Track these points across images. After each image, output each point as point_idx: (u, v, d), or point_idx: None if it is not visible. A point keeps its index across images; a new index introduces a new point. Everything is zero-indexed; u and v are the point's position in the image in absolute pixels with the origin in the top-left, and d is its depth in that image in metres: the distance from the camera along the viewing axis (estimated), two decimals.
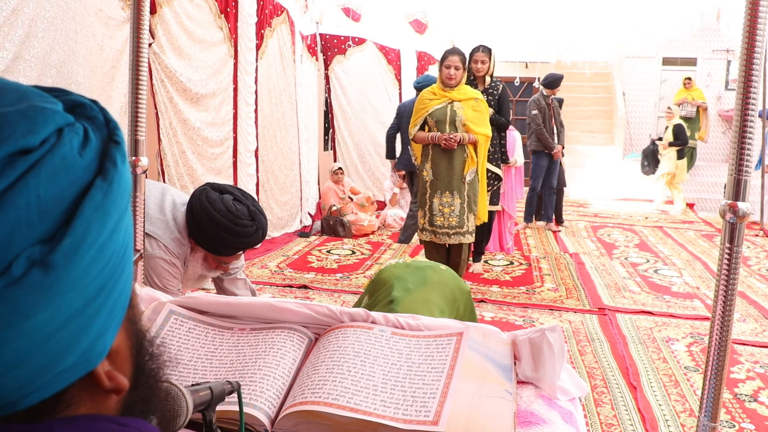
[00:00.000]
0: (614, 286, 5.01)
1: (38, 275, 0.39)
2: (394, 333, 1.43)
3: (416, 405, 1.19)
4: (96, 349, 0.45)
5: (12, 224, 0.39)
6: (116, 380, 0.48)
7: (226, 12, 5.11)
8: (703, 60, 12.06)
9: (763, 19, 1.34)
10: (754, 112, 1.41)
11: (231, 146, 5.42)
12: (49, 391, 0.43)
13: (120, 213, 0.46)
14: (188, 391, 0.89)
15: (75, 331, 0.43)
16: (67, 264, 0.41)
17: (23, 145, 0.40)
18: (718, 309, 1.40)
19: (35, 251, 0.40)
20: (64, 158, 0.42)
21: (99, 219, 0.43)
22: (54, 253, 0.40)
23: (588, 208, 9.74)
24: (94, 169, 0.44)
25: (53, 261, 0.40)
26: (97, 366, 0.46)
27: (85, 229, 0.42)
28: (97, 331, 0.45)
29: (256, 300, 1.53)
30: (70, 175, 0.42)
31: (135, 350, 0.52)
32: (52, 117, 0.43)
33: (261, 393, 1.24)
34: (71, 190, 0.42)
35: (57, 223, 0.41)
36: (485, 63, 4.83)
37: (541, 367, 1.37)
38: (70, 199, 0.42)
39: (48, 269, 0.40)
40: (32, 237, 0.40)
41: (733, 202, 1.40)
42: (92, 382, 0.46)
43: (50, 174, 0.41)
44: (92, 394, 0.47)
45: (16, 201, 0.39)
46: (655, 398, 3.02)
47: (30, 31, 3.01)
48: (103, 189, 0.43)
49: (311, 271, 5.26)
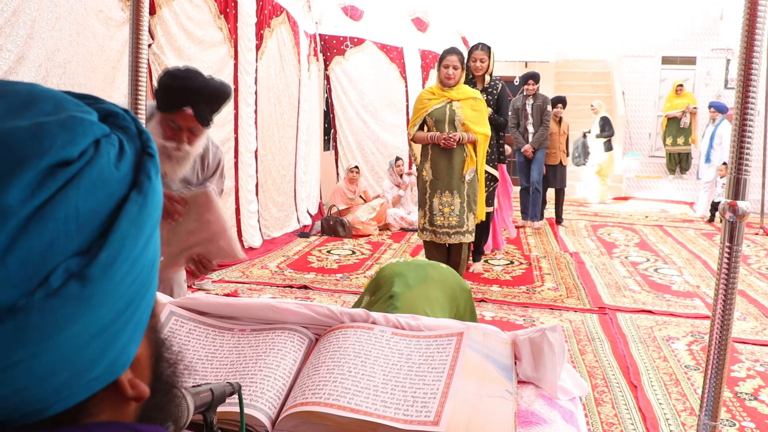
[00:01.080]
0: (614, 285, 5.01)
1: (75, 288, 0.40)
2: (395, 333, 1.43)
3: (417, 405, 1.19)
4: (121, 360, 0.46)
5: (51, 236, 0.39)
6: (138, 388, 0.48)
7: (226, 12, 5.10)
8: (703, 59, 12.06)
9: (762, 18, 1.34)
10: (754, 111, 1.41)
11: (232, 147, 5.42)
12: (75, 400, 0.44)
13: (152, 227, 0.46)
14: (189, 393, 0.89)
15: (104, 343, 0.43)
16: (103, 277, 0.41)
17: (63, 157, 0.40)
18: (718, 307, 1.40)
19: (73, 263, 0.40)
20: (101, 171, 0.42)
21: (134, 233, 0.43)
22: (91, 266, 0.40)
23: (588, 207, 9.74)
24: (129, 182, 0.44)
25: (90, 274, 0.40)
26: (121, 375, 0.46)
27: (121, 243, 0.42)
28: (124, 343, 0.45)
29: (257, 301, 1.53)
30: (107, 188, 0.42)
31: (155, 358, 0.53)
32: (90, 128, 0.43)
33: (262, 394, 1.24)
34: (108, 203, 0.42)
35: (94, 236, 0.41)
36: (484, 61, 4.82)
37: (541, 367, 1.37)
38: (106, 212, 0.42)
39: (85, 282, 0.40)
40: (70, 249, 0.40)
41: (732, 201, 1.40)
42: (115, 391, 0.47)
43: (89, 187, 0.41)
44: (113, 401, 0.47)
45: (56, 213, 0.39)
46: (655, 397, 3.02)
47: (32, 32, 3.01)
48: (138, 203, 0.44)
49: (311, 272, 5.26)
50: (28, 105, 0.42)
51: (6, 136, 0.39)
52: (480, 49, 4.83)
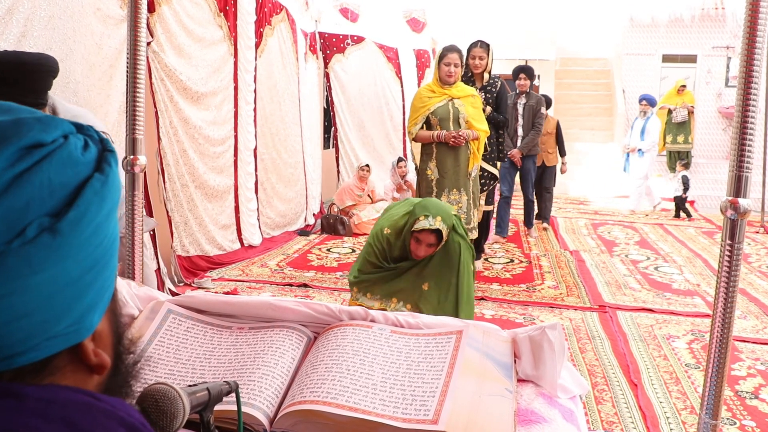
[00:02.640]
0: (615, 283, 5.00)
1: (47, 238, 0.48)
2: (394, 331, 1.43)
3: (416, 404, 1.18)
4: (85, 322, 0.53)
5: (28, 198, 0.48)
6: (100, 357, 0.55)
7: (226, 10, 5.09)
8: (703, 57, 12.04)
9: (764, 16, 1.33)
10: (755, 109, 1.40)
11: (232, 145, 5.41)
12: (42, 354, 0.50)
13: (112, 205, 0.55)
14: (185, 393, 0.88)
15: (71, 296, 0.51)
16: (70, 233, 0.50)
17: (39, 139, 0.50)
18: (719, 306, 1.39)
19: (45, 221, 0.49)
20: (70, 154, 0.52)
21: (97, 202, 0.53)
22: (60, 221, 0.49)
23: (588, 205, 9.73)
24: (93, 166, 0.54)
25: (60, 228, 0.49)
26: (84, 340, 0.54)
27: (86, 207, 0.51)
28: (88, 304, 0.53)
29: (255, 299, 1.53)
30: (75, 167, 0.52)
31: (115, 339, 0.60)
32: (60, 124, 0.54)
33: (260, 392, 1.23)
34: (75, 178, 0.52)
35: (63, 202, 0.50)
36: (483, 59, 4.80)
37: (541, 365, 1.36)
38: (74, 185, 0.51)
39: (55, 234, 0.49)
40: (44, 210, 0.49)
41: (734, 199, 1.39)
42: (77, 357, 0.54)
43: (59, 164, 0.51)
44: (76, 369, 0.54)
45: (32, 180, 0.49)
46: (656, 395, 3.01)
47: (26, 30, 3.00)
48: (101, 180, 0.53)
49: (311, 270, 5.25)
50: (9, 110, 0.53)
51: None
52: (479, 46, 4.81)
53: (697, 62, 12.08)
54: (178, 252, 4.65)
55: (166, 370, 1.32)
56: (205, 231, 5.00)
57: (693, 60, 12.11)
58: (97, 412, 0.52)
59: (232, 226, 5.49)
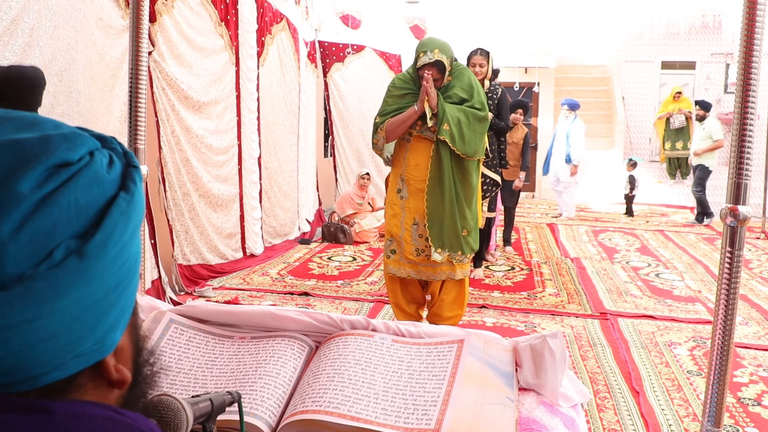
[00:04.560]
0: (616, 290, 5.00)
1: (74, 261, 0.48)
2: (395, 341, 1.43)
3: (417, 413, 1.18)
4: (107, 340, 0.53)
5: (55, 219, 0.48)
6: (122, 373, 0.55)
7: (227, 20, 5.12)
8: (702, 63, 12.07)
9: (761, 22, 1.34)
10: (753, 116, 1.41)
11: (236, 153, 5.42)
12: (65, 373, 0.50)
13: (137, 223, 0.55)
14: (188, 404, 0.88)
15: (96, 317, 0.51)
16: (97, 255, 0.50)
17: (65, 159, 0.50)
18: (720, 313, 1.40)
19: (72, 243, 0.48)
20: (96, 173, 0.52)
21: (123, 222, 0.52)
22: (87, 244, 0.49)
23: (589, 212, 9.73)
24: (118, 184, 0.54)
25: (87, 251, 0.49)
26: (106, 357, 0.54)
27: (113, 228, 0.51)
28: (111, 323, 0.53)
29: (257, 308, 1.53)
30: (101, 186, 0.52)
31: (136, 353, 0.60)
32: (86, 141, 0.53)
33: (262, 402, 1.24)
34: (101, 198, 0.51)
35: (90, 223, 0.50)
36: (483, 66, 4.81)
37: (542, 374, 1.36)
38: (100, 205, 0.51)
39: (82, 257, 0.49)
40: (70, 231, 0.49)
41: (733, 206, 1.39)
42: (99, 373, 0.54)
43: (86, 184, 0.50)
44: (98, 384, 0.54)
45: (60, 202, 0.48)
46: (658, 403, 3.00)
47: (31, 41, 3.02)
48: (126, 200, 0.53)
49: (312, 278, 5.25)
50: (34, 125, 0.52)
51: (20, 142, 0.49)
52: (479, 54, 4.83)
53: (695, 69, 12.12)
54: (179, 261, 4.65)
55: (168, 380, 1.32)
56: (207, 239, 5.01)
57: (692, 67, 12.14)
58: (120, 426, 0.53)
59: (236, 235, 5.50)
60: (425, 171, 3.28)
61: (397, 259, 3.36)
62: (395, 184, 3.38)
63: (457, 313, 3.48)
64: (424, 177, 3.29)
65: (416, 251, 3.31)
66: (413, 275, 3.37)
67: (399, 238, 3.32)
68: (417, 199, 3.30)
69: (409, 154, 3.30)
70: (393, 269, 3.36)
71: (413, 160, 3.30)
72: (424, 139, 3.29)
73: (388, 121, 3.23)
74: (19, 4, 2.93)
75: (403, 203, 3.32)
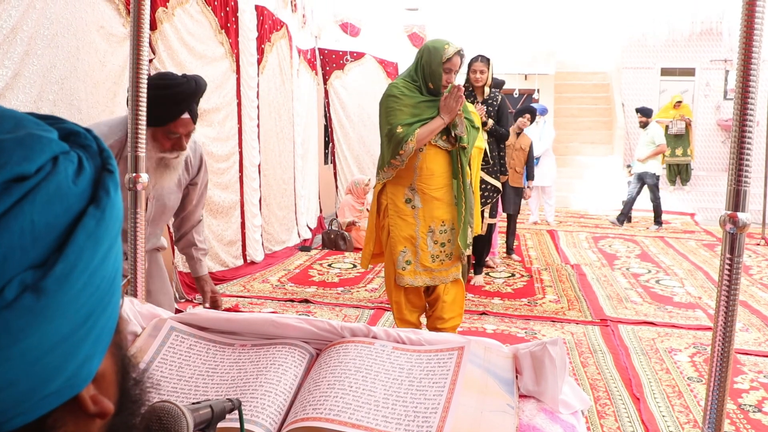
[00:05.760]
0: (616, 297, 5.00)
1: (30, 300, 0.40)
2: (396, 348, 1.43)
3: (418, 420, 1.19)
4: (82, 374, 0.45)
5: (5, 249, 0.39)
6: (101, 404, 0.47)
7: (227, 27, 5.14)
8: (702, 70, 12.11)
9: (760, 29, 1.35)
10: (753, 122, 1.41)
11: (237, 161, 5.43)
12: (34, 415, 0.43)
13: (111, 240, 0.46)
14: (189, 410, 0.89)
15: (62, 355, 0.43)
16: (58, 290, 0.41)
17: (19, 172, 0.40)
18: (719, 319, 1.40)
19: (27, 276, 0.40)
20: (59, 186, 0.42)
21: (91, 246, 0.43)
22: (46, 278, 0.40)
23: (589, 218, 9.73)
24: (87, 196, 0.44)
25: (45, 286, 0.40)
26: (82, 390, 0.46)
27: (77, 255, 0.42)
28: (84, 357, 0.45)
29: (257, 316, 1.53)
30: (64, 202, 0.42)
31: (120, 375, 0.52)
32: (48, 145, 0.43)
33: (262, 409, 1.24)
34: (65, 217, 0.42)
35: (50, 249, 0.41)
36: (484, 73, 4.83)
37: (542, 381, 1.36)
38: (63, 225, 0.42)
39: (40, 294, 0.40)
40: (25, 262, 0.40)
41: (733, 213, 1.40)
42: (77, 407, 0.46)
43: (45, 201, 0.41)
44: (76, 417, 0.46)
45: (11, 227, 0.39)
46: (658, 409, 3.00)
47: (29, 49, 3.03)
48: (95, 217, 0.44)
49: (312, 285, 5.25)
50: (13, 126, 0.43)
51: None
52: (479, 60, 4.85)
53: (695, 75, 12.16)
54: (179, 268, 4.65)
55: (169, 387, 1.33)
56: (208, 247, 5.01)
57: (691, 73, 12.18)
58: None
59: (237, 242, 5.50)
60: (440, 178, 3.27)
61: (413, 269, 3.36)
62: (401, 195, 3.34)
63: (458, 312, 3.49)
64: (440, 185, 3.28)
65: (431, 257, 3.32)
66: (428, 282, 3.38)
67: (415, 247, 3.31)
68: (432, 207, 3.29)
69: (424, 164, 3.28)
70: (409, 280, 3.35)
71: (427, 170, 3.29)
72: (437, 147, 3.29)
73: (419, 132, 3.18)
74: (18, 12, 2.94)
75: (417, 212, 3.31)
